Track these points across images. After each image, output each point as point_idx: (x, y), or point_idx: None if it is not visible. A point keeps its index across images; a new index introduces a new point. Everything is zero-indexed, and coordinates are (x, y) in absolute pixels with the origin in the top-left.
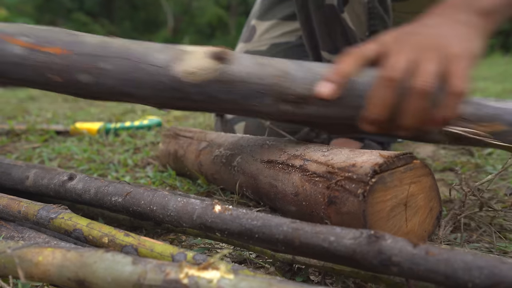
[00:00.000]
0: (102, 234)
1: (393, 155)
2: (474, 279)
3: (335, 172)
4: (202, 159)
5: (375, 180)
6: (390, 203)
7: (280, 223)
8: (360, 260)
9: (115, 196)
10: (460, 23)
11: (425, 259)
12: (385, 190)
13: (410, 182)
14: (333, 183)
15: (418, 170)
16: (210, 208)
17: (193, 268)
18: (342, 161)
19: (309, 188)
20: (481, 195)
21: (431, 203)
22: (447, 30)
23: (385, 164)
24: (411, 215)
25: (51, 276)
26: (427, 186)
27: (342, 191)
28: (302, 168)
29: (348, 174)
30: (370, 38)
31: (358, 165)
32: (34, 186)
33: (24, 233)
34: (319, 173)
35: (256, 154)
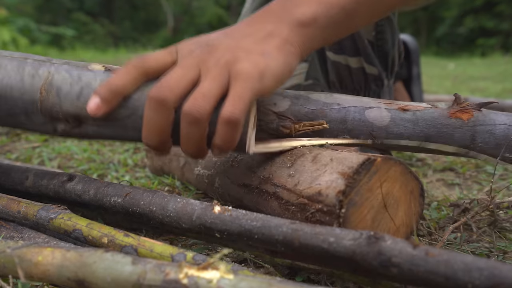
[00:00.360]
0: (101, 234)
1: (352, 172)
2: (474, 280)
3: (306, 203)
4: (187, 177)
5: (345, 209)
6: (369, 215)
7: (280, 224)
8: (359, 261)
9: (115, 197)
10: (269, 34)
11: (425, 260)
12: (359, 208)
13: (380, 183)
14: (309, 214)
15: (382, 168)
16: (210, 209)
17: (193, 268)
18: (308, 186)
19: (291, 217)
20: (498, 212)
21: (408, 187)
22: (248, 43)
23: (348, 188)
24: (394, 212)
25: (51, 276)
26: (398, 174)
27: (320, 223)
28: (276, 195)
29: (319, 206)
30: (376, 39)
31: (324, 193)
32: (34, 187)
33: (24, 233)
34: (292, 202)
35: (231, 176)
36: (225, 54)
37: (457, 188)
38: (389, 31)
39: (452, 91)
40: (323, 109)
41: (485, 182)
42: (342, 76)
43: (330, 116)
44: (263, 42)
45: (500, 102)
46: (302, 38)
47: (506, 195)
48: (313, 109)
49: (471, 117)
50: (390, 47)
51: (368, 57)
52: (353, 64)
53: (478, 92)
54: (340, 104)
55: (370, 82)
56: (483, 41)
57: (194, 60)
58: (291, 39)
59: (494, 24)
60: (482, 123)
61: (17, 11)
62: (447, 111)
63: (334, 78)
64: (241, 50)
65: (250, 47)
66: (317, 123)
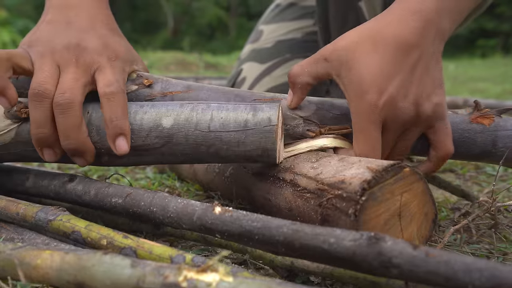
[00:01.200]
0: (100, 236)
1: (382, 168)
2: (474, 281)
3: (325, 189)
4: (196, 168)
5: (365, 198)
6: (383, 217)
7: (280, 225)
8: (360, 262)
9: (115, 197)
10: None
11: (425, 261)
12: (377, 205)
13: (402, 192)
14: (325, 200)
15: (409, 177)
16: (210, 209)
17: (192, 270)
18: (331, 176)
19: (302, 205)
20: (498, 215)
21: (425, 208)
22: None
23: (374, 180)
24: (406, 225)
25: (50, 279)
26: (419, 192)
27: (334, 209)
28: (293, 183)
29: (338, 192)
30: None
31: (347, 181)
32: (34, 187)
33: (24, 235)
34: (310, 189)
35: (247, 165)
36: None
37: None
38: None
39: (452, 92)
40: (347, 115)
41: (485, 184)
42: None
43: None
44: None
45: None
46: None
47: (506, 197)
48: (338, 114)
49: (492, 122)
50: None
51: None
52: None
53: (478, 93)
54: None
55: None
56: (483, 42)
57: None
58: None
59: (495, 25)
60: (503, 128)
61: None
62: (468, 117)
63: None
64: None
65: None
66: (342, 127)
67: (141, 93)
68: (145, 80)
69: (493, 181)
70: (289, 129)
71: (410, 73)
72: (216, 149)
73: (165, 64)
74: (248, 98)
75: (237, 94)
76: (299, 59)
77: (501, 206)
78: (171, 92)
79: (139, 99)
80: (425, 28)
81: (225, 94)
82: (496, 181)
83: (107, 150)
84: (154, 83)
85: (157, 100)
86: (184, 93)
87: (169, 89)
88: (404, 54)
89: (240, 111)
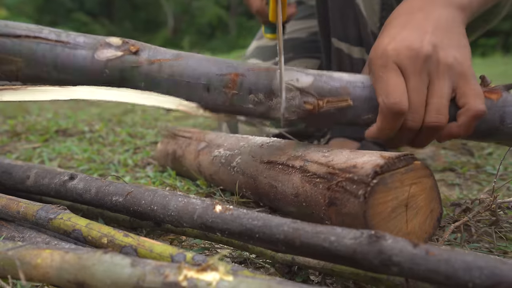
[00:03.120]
0: (101, 234)
1: (394, 156)
2: (475, 279)
3: (336, 173)
4: (201, 159)
5: (376, 181)
6: (391, 204)
7: (281, 223)
8: (360, 260)
9: (116, 196)
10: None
11: (426, 259)
12: (386, 191)
13: (411, 183)
14: (334, 184)
15: (419, 171)
16: (211, 208)
17: (192, 270)
18: (342, 162)
19: (310, 189)
20: (499, 212)
21: (431, 205)
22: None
23: (386, 165)
24: (411, 216)
25: (51, 278)
26: (428, 187)
27: (343, 192)
28: (303, 169)
29: (349, 175)
30: (380, 30)
31: (359, 166)
32: (35, 186)
33: (24, 233)
34: (320, 174)
35: (256, 155)
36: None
37: (457, 188)
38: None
39: None
40: (347, 87)
41: (485, 182)
42: (343, 65)
43: (354, 94)
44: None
45: None
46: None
47: (506, 195)
48: (337, 86)
49: (500, 97)
50: None
51: (370, 48)
52: (354, 54)
53: None
54: (364, 82)
55: None
56: (483, 41)
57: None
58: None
59: (495, 25)
60: (511, 103)
61: (17, 11)
62: None
63: (336, 66)
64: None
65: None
66: (341, 99)
67: (126, 59)
68: (131, 46)
69: (494, 179)
70: (285, 101)
71: (422, 27)
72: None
73: None
74: (241, 68)
75: (229, 63)
76: (303, 59)
77: (502, 203)
78: (159, 59)
79: (125, 66)
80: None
81: (216, 64)
82: (496, 179)
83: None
84: (140, 49)
85: (144, 67)
86: (173, 60)
87: (157, 56)
88: (410, 14)
89: None
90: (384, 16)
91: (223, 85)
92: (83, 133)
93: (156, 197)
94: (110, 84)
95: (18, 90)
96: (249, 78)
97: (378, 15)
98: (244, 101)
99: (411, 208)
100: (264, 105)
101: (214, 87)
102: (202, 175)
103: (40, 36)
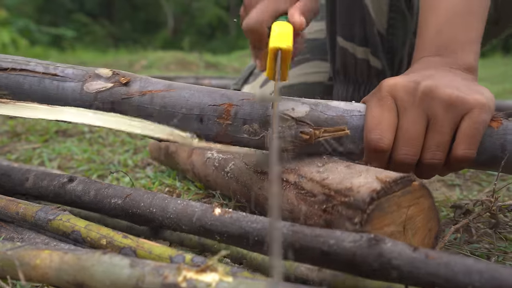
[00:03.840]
0: (100, 236)
1: (391, 179)
2: (474, 282)
3: (331, 195)
4: (194, 159)
5: (373, 207)
6: (387, 228)
7: (280, 226)
8: (360, 263)
9: (115, 198)
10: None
11: (425, 263)
12: (383, 216)
13: (409, 205)
14: (330, 206)
15: (416, 192)
16: (210, 210)
17: (191, 271)
18: (338, 182)
19: (305, 208)
20: (499, 214)
21: (429, 224)
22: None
23: (383, 190)
24: (409, 238)
25: (50, 279)
26: (426, 207)
27: (339, 216)
28: (297, 185)
29: (345, 199)
30: (387, 32)
31: (355, 189)
32: (34, 188)
33: (24, 234)
34: (315, 193)
35: (249, 162)
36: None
37: (458, 189)
38: (401, 28)
39: None
40: (344, 116)
41: (485, 183)
42: (347, 65)
43: (351, 124)
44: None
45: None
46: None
47: (506, 196)
48: (333, 116)
49: (500, 125)
50: (399, 44)
51: (375, 48)
52: (359, 54)
53: None
54: (361, 111)
55: (373, 76)
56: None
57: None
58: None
59: None
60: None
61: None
62: None
63: (340, 65)
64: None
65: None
66: (338, 128)
67: (117, 91)
68: (121, 78)
69: (494, 180)
70: (281, 131)
71: (428, 72)
72: None
73: (165, 64)
74: (235, 98)
75: (223, 94)
76: (318, 61)
77: (502, 205)
78: (151, 90)
79: (115, 98)
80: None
81: (210, 94)
82: (497, 180)
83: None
84: (131, 81)
85: (135, 99)
86: (165, 91)
87: (148, 87)
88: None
89: None
90: (392, 17)
91: (216, 116)
92: (83, 134)
93: (155, 200)
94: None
95: (7, 105)
96: (243, 108)
97: (386, 16)
98: (239, 132)
99: (409, 230)
100: (259, 135)
101: (207, 117)
102: (197, 177)
103: (27, 68)
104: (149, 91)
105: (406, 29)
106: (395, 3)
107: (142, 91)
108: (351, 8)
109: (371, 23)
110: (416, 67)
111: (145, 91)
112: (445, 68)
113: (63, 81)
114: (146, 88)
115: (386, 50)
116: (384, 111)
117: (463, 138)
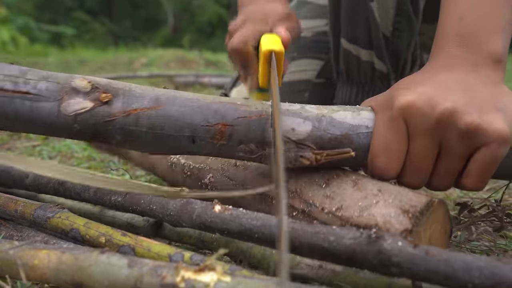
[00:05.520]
0: (99, 233)
1: (416, 211)
2: (474, 279)
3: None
4: (155, 162)
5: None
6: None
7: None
8: (359, 260)
9: (115, 195)
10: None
11: (425, 260)
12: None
13: (430, 225)
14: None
15: (436, 209)
16: (210, 207)
17: (190, 270)
18: (357, 215)
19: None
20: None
21: (444, 228)
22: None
23: (414, 227)
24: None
25: (48, 279)
26: (441, 215)
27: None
28: (307, 214)
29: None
30: (392, 35)
31: (383, 227)
32: (34, 185)
33: (23, 232)
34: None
35: (234, 177)
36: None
37: None
38: (407, 31)
39: None
40: (350, 135)
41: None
42: (350, 67)
43: (358, 143)
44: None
45: None
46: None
47: (507, 194)
48: (338, 135)
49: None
50: (404, 47)
51: (380, 51)
52: (363, 57)
53: None
54: (369, 127)
55: (377, 79)
56: None
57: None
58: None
59: None
60: None
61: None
62: None
63: (343, 67)
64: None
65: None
66: (342, 151)
67: (98, 112)
68: (102, 95)
69: (501, 185)
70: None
71: (446, 85)
72: None
73: (165, 62)
74: (230, 116)
75: (216, 111)
76: (305, 59)
77: (508, 211)
78: (135, 109)
79: (97, 120)
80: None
81: (202, 112)
82: (505, 189)
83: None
84: (113, 97)
85: (119, 120)
86: (152, 109)
87: (133, 105)
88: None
89: None
90: (397, 21)
91: (209, 137)
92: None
93: (155, 197)
94: (83, 138)
95: None
96: (238, 129)
97: (392, 19)
98: (234, 151)
99: (431, 242)
100: (256, 154)
101: (200, 138)
102: (165, 179)
103: None
104: (134, 109)
105: (412, 32)
106: (402, 7)
107: (126, 111)
108: (355, 10)
109: (376, 26)
110: (435, 66)
111: (130, 110)
112: (468, 68)
113: (37, 100)
114: (130, 105)
115: (391, 53)
116: (394, 135)
117: (476, 171)
